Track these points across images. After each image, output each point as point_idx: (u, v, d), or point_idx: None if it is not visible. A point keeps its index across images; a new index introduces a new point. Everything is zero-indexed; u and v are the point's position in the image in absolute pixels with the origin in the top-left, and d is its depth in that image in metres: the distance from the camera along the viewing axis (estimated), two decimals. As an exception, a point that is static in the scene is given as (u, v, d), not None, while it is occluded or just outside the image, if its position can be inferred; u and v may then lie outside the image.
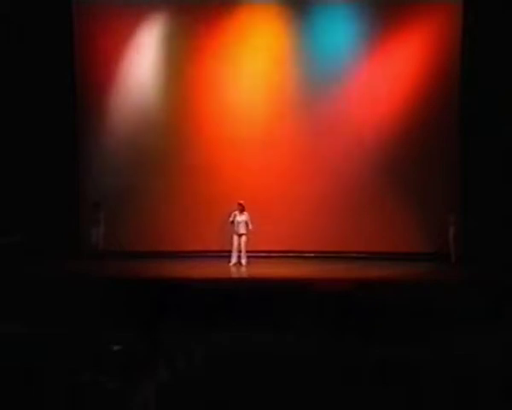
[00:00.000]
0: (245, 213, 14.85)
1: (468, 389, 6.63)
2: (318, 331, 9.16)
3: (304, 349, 8.13)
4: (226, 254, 15.18)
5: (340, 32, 16.21)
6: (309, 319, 9.66)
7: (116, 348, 7.37)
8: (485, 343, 8.38)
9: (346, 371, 7.02)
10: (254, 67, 16.54)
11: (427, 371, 7.03)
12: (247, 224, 14.84)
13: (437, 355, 7.69)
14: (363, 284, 11.88)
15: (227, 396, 6.54)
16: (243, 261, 14.93)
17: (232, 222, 14.85)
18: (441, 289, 11.78)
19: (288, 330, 9.18)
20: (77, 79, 16.38)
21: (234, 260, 14.97)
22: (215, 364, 7.30)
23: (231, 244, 15.02)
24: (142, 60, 16.66)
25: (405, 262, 15.10)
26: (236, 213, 14.85)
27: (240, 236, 14.92)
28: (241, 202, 14.85)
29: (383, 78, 16.07)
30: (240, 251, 14.97)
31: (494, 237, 14.23)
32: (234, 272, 14.64)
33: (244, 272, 14.59)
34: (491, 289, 11.28)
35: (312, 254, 16.05)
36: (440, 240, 15.33)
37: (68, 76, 16.14)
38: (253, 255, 15.50)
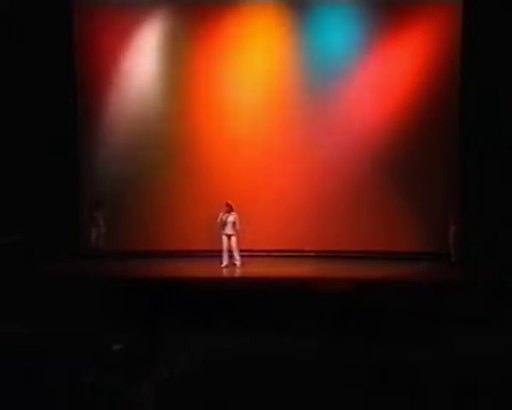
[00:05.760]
0: (233, 213, 14.83)
1: (468, 389, 6.63)
2: (318, 331, 9.16)
3: (303, 349, 8.13)
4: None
5: (339, 32, 16.20)
6: (309, 319, 9.66)
7: (116, 347, 7.37)
8: (486, 343, 8.38)
9: (346, 371, 7.02)
10: (254, 66, 16.54)
11: (428, 371, 7.04)
12: (234, 224, 14.83)
13: (437, 355, 7.69)
14: (363, 284, 11.89)
15: (227, 396, 6.54)
16: (237, 262, 14.90)
17: (220, 223, 14.85)
18: (441, 289, 11.79)
19: (287, 331, 9.18)
20: (77, 78, 16.38)
21: (225, 261, 14.93)
22: (215, 363, 7.30)
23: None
24: (142, 59, 16.66)
25: (405, 262, 15.10)
26: (224, 213, 14.83)
27: (228, 237, 14.90)
28: (229, 202, 14.85)
29: (383, 78, 16.06)
30: (230, 251, 14.96)
31: (494, 237, 14.22)
32: (233, 272, 14.64)
33: (243, 272, 14.57)
34: (491, 289, 11.28)
35: (312, 254, 16.05)
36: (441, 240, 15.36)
37: (68, 76, 16.14)
38: (253, 255, 15.53)
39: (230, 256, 14.96)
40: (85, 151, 16.65)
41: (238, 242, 14.94)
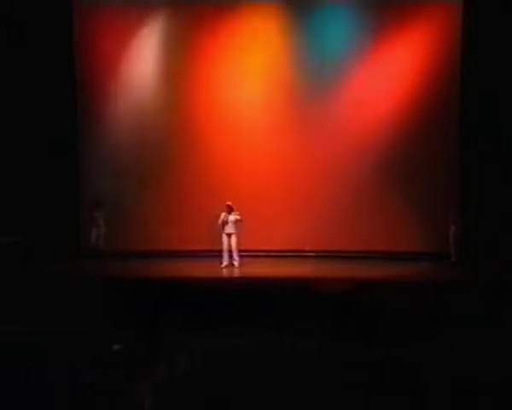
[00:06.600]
0: (233, 213, 14.84)
1: (468, 389, 6.63)
2: (318, 331, 9.16)
3: (303, 349, 8.13)
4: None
5: (340, 32, 16.22)
6: (309, 319, 9.66)
7: (116, 347, 7.37)
8: (485, 343, 8.38)
9: (346, 371, 7.02)
10: (254, 66, 16.54)
11: (428, 371, 7.04)
12: (235, 224, 14.82)
13: (437, 355, 7.69)
14: (363, 284, 11.89)
15: (227, 396, 6.54)
16: (235, 263, 14.90)
17: (221, 223, 14.85)
18: (441, 289, 11.79)
19: (287, 331, 9.18)
20: (77, 78, 16.40)
21: (225, 261, 14.94)
22: (215, 363, 7.30)
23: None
24: (142, 60, 16.66)
25: (405, 262, 15.10)
26: (225, 214, 14.83)
27: (229, 235, 14.91)
28: (229, 203, 14.86)
29: (383, 78, 16.07)
30: (230, 251, 14.96)
31: (494, 237, 14.22)
32: (233, 272, 14.65)
33: (243, 272, 14.57)
34: (491, 289, 11.28)
35: (312, 254, 16.06)
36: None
37: (68, 76, 16.15)
38: (253, 255, 15.54)
39: (230, 256, 14.96)
40: (85, 151, 16.65)
41: (238, 242, 14.94)
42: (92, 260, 15.09)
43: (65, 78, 16.03)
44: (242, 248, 15.18)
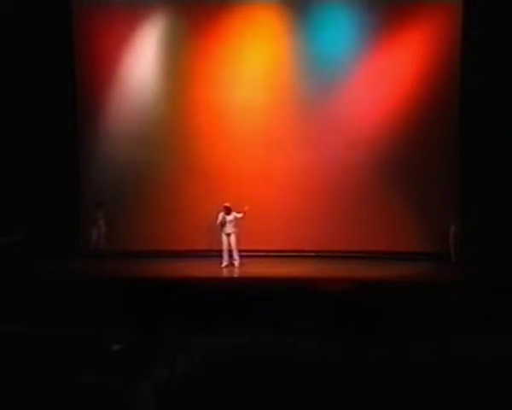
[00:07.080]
0: (232, 213, 14.85)
1: (468, 389, 6.63)
2: (318, 331, 9.16)
3: (303, 349, 8.13)
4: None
5: (339, 32, 16.19)
6: (309, 319, 9.66)
7: (116, 347, 7.38)
8: (485, 343, 8.38)
9: (347, 371, 7.03)
10: (254, 66, 16.53)
11: (428, 371, 7.04)
12: (232, 222, 14.81)
13: (437, 355, 7.69)
14: (363, 284, 11.89)
15: (227, 396, 6.55)
16: (235, 262, 14.90)
17: (220, 224, 14.86)
18: (441, 289, 11.79)
19: (287, 331, 9.18)
20: (76, 79, 16.38)
21: (225, 261, 14.93)
22: (215, 363, 7.30)
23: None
24: (142, 60, 16.66)
25: (405, 262, 15.10)
26: (224, 215, 14.85)
27: (228, 235, 14.93)
28: (227, 204, 14.86)
29: (383, 78, 16.04)
30: (230, 251, 14.96)
31: (494, 237, 14.22)
32: (233, 272, 14.65)
33: (243, 272, 14.57)
34: (491, 289, 11.28)
35: (312, 254, 16.05)
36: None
37: (68, 76, 16.14)
38: (253, 255, 15.52)
39: (230, 256, 14.97)
40: (85, 151, 16.65)
41: (238, 241, 14.95)
42: (92, 260, 15.09)
43: (65, 78, 16.02)
44: (242, 247, 15.17)
